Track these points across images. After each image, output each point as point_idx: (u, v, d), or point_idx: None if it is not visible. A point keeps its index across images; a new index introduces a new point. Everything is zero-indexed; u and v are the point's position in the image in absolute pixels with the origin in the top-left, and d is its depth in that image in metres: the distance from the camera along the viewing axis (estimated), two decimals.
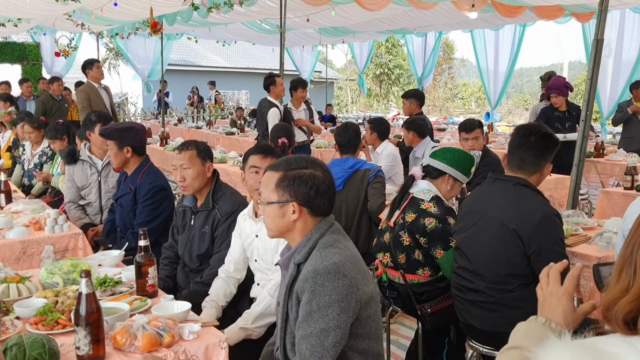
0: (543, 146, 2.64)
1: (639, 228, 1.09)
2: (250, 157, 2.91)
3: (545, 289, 1.36)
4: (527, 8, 9.22)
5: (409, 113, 6.30)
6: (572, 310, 1.30)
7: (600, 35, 4.21)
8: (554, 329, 1.25)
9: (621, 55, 10.94)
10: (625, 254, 1.09)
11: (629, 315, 1.02)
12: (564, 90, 6.56)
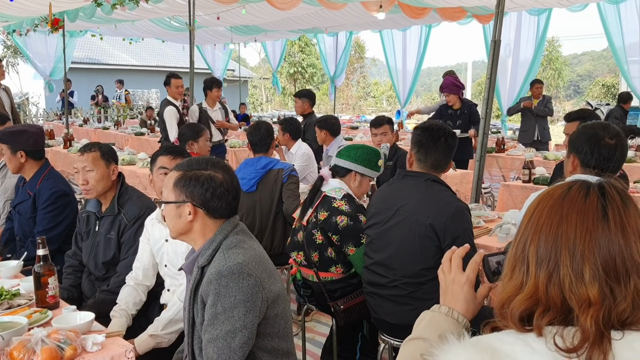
0: (452, 146, 2.76)
1: (528, 224, 1.10)
2: (159, 158, 2.83)
3: (448, 275, 1.36)
4: (431, 10, 9.57)
5: (301, 112, 6.34)
6: (473, 298, 1.32)
7: (498, 37, 4.43)
8: (456, 319, 1.28)
9: (519, 55, 11.59)
10: (517, 251, 1.10)
11: (524, 313, 1.04)
12: (454, 88, 6.83)
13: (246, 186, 3.90)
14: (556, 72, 34.36)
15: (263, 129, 4.12)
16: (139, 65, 24.83)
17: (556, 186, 1.12)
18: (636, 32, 9.68)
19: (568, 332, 0.99)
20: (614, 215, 1.03)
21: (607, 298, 0.99)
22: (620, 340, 0.97)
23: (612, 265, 1.01)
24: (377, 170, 3.15)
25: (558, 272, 1.02)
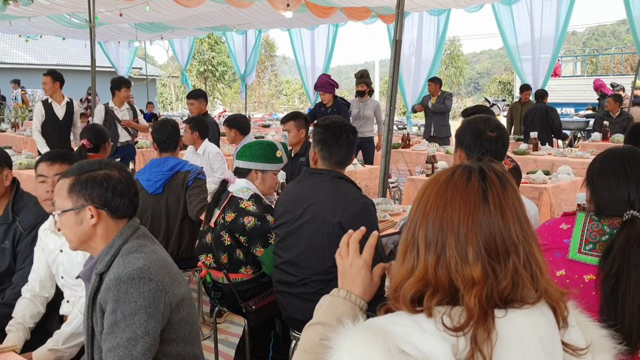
0: (354, 141, 2.82)
1: (417, 210, 1.13)
2: (38, 165, 2.68)
3: (345, 260, 1.37)
4: (337, 9, 9.74)
5: (197, 112, 6.24)
6: (370, 280, 1.33)
7: (399, 36, 4.59)
8: (354, 302, 1.29)
9: (421, 54, 12.04)
10: (408, 236, 1.13)
11: (415, 295, 1.06)
12: (328, 87, 6.89)
13: (152, 188, 3.79)
14: (458, 70, 35.95)
15: (170, 126, 4.00)
16: (38, 63, 23.47)
17: (441, 172, 1.16)
18: (528, 32, 10.34)
19: (455, 311, 1.02)
20: (493, 198, 1.08)
21: (490, 277, 1.03)
22: (503, 318, 1.02)
23: (493, 245, 1.05)
24: (279, 162, 3.14)
25: (445, 255, 1.06)
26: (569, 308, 1.11)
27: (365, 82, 7.69)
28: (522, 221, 1.10)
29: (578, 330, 1.12)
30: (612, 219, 1.90)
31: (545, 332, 1.04)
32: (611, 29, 54.15)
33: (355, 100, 7.88)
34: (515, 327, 1.02)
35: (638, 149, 2.04)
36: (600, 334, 1.19)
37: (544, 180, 4.96)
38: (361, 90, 7.68)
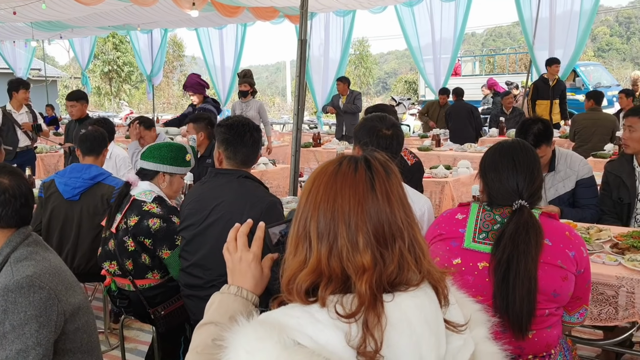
0: (258, 139, 2.81)
1: (307, 202, 1.13)
2: None
3: (234, 255, 1.35)
4: (245, 9, 9.67)
5: (79, 116, 6.00)
6: (260, 274, 1.33)
7: (304, 36, 4.62)
8: (246, 297, 1.29)
9: (329, 54, 12.22)
10: (299, 229, 1.13)
11: (310, 287, 1.07)
12: (198, 88, 6.77)
13: (68, 194, 3.60)
14: (367, 70, 36.78)
15: (99, 131, 3.85)
16: None
17: (328, 163, 1.17)
18: (429, 33, 10.75)
19: (347, 299, 1.04)
20: (380, 186, 1.11)
21: (379, 263, 1.07)
22: (391, 302, 1.05)
23: (381, 231, 1.09)
24: (187, 166, 3.10)
25: (337, 244, 1.08)
26: (448, 287, 1.16)
27: (248, 82, 7.47)
28: (406, 207, 1.14)
29: (457, 308, 1.17)
30: (503, 208, 2.02)
31: (429, 312, 1.08)
32: (507, 30, 57.35)
33: (237, 102, 7.60)
34: (403, 310, 1.05)
35: (526, 142, 2.19)
36: (476, 308, 1.24)
37: (445, 174, 5.18)
38: (244, 90, 7.46)
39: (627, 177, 3.38)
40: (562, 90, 8.63)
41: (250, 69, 7.81)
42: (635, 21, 52.76)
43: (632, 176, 3.37)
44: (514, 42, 41.51)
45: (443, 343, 1.09)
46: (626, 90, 8.46)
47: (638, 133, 3.28)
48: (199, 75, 6.95)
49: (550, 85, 8.59)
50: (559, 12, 9.09)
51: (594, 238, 2.86)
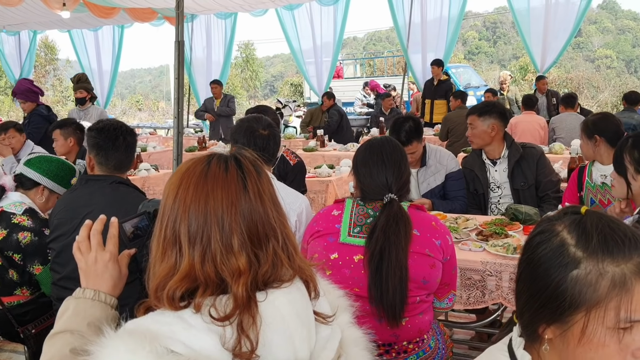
0: (132, 143, 2.71)
1: (174, 205, 1.08)
2: None
3: (88, 255, 1.27)
4: (120, 10, 9.30)
5: None
6: (119, 274, 1.27)
7: (181, 37, 4.54)
8: (104, 301, 1.23)
9: (212, 57, 12.07)
10: (166, 232, 1.08)
11: (185, 293, 1.03)
12: (29, 95, 6.21)
13: None
14: (253, 73, 36.74)
15: None
16: None
17: (195, 162, 1.13)
18: (310, 37, 10.95)
19: (220, 301, 1.02)
20: (252, 186, 1.10)
21: (254, 264, 1.06)
22: (265, 301, 1.05)
23: (255, 232, 1.07)
24: (68, 188, 2.95)
25: (210, 248, 1.04)
26: (317, 279, 1.18)
27: (84, 88, 6.76)
28: (277, 205, 1.15)
29: (325, 299, 1.20)
30: (375, 202, 2.11)
31: (300, 306, 1.10)
32: (386, 34, 59.69)
33: (74, 109, 6.90)
34: (277, 306, 1.06)
35: (393, 139, 2.30)
36: (338, 295, 1.27)
37: (328, 173, 5.31)
38: (80, 97, 6.72)
39: (478, 170, 3.67)
40: (446, 90, 9.03)
41: (84, 73, 7.25)
42: (501, 26, 57.05)
43: (482, 169, 3.67)
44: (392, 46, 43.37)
45: (313, 334, 1.11)
46: (491, 90, 9.16)
47: (479, 129, 3.58)
48: (32, 81, 6.46)
49: (434, 85, 9.04)
50: (430, 17, 9.63)
51: (462, 227, 3.07)
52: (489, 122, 3.56)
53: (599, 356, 0.94)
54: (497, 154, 3.64)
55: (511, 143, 3.64)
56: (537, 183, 3.55)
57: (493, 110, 3.59)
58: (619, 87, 24.83)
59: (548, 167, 3.61)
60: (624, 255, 0.93)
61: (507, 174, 3.60)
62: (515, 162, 3.56)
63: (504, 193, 3.63)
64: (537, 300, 0.99)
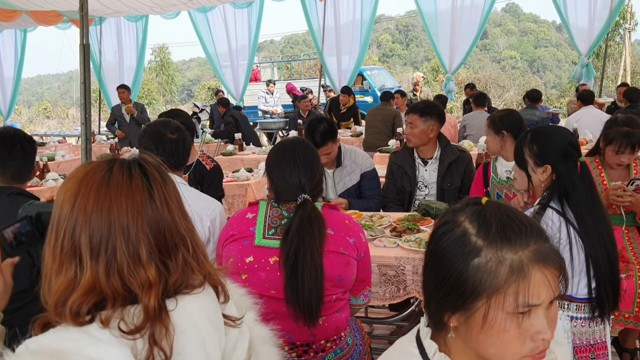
0: (31, 152, 2.55)
1: (72, 214, 1.03)
2: None
3: None
4: (22, 13, 8.82)
5: None
6: (4, 285, 1.21)
7: (86, 40, 4.37)
8: None
9: (124, 60, 11.70)
10: (64, 244, 1.02)
11: (92, 308, 0.98)
12: None
13: None
14: (169, 77, 35.90)
15: None
16: None
17: (94, 167, 1.08)
18: (225, 40, 10.83)
19: (129, 313, 0.98)
20: (158, 193, 1.06)
21: (164, 274, 1.03)
22: (176, 310, 1.03)
23: (163, 241, 1.05)
24: None
25: (116, 259, 1.00)
26: (226, 284, 1.17)
27: None
28: (184, 211, 1.12)
29: (232, 302, 1.19)
30: (289, 203, 2.11)
31: (211, 310, 1.09)
32: (303, 37, 60.12)
33: None
34: (188, 313, 1.04)
35: (305, 140, 2.32)
36: (241, 293, 1.27)
37: (247, 177, 5.27)
38: None
39: (408, 167, 3.75)
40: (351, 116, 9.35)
41: None
42: (413, 29, 58.88)
43: (412, 167, 3.75)
44: (310, 49, 43.73)
45: (224, 337, 1.11)
46: (400, 91, 9.47)
47: (418, 129, 3.64)
48: None
49: (341, 112, 9.34)
50: (343, 21, 9.79)
51: (377, 224, 3.14)
52: (430, 123, 3.62)
53: (500, 341, 0.97)
54: (430, 154, 3.73)
55: (445, 144, 3.74)
56: (462, 186, 3.67)
57: (434, 111, 3.64)
58: (523, 86, 26.30)
59: (473, 172, 3.71)
60: (521, 242, 0.98)
61: (437, 174, 3.70)
62: (449, 164, 3.67)
63: (430, 192, 3.73)
64: (442, 289, 1.02)
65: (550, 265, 0.97)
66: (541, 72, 48.85)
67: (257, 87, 16.88)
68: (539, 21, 63.27)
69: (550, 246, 0.99)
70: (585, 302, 2.17)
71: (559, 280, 0.99)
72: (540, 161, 2.24)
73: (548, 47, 56.69)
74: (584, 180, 2.18)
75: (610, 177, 3.28)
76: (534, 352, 0.98)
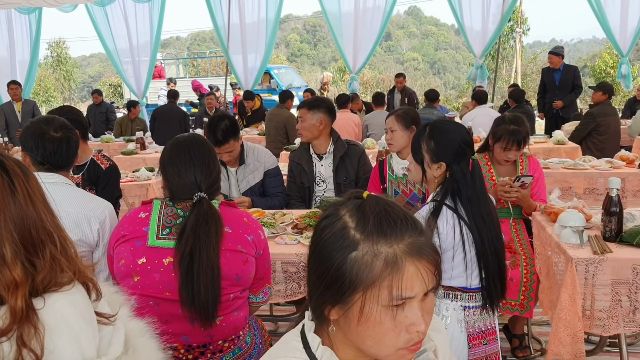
0: None
1: None
2: None
3: None
4: None
5: None
6: None
7: None
8: None
9: (16, 55, 11.00)
10: None
11: None
12: None
13: None
14: (67, 73, 34.17)
15: None
16: None
17: None
18: (125, 35, 10.43)
19: None
20: (21, 189, 1.03)
21: (31, 273, 1.00)
22: (45, 308, 0.99)
23: (29, 238, 1.01)
24: None
25: None
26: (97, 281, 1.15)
27: None
28: (49, 207, 1.09)
29: (104, 301, 1.16)
30: (185, 202, 2.06)
31: (83, 307, 1.06)
32: (210, 34, 59.09)
33: None
34: (58, 310, 1.01)
35: (202, 136, 2.27)
36: (113, 291, 1.25)
37: (148, 176, 5.11)
38: None
39: (306, 164, 3.78)
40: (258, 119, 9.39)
41: None
42: (320, 29, 59.59)
43: (310, 163, 3.79)
44: (217, 46, 43.18)
45: (97, 333, 1.09)
46: (309, 90, 9.57)
47: (308, 123, 3.69)
48: None
49: (247, 114, 9.31)
50: (249, 20, 9.71)
51: (279, 222, 3.14)
52: (318, 116, 3.66)
53: (376, 333, 0.99)
54: (324, 149, 3.77)
55: (337, 139, 3.79)
56: (357, 179, 3.74)
57: (322, 105, 3.70)
58: (425, 86, 27.33)
59: (367, 165, 3.81)
60: (396, 236, 0.99)
61: (332, 168, 3.75)
62: (340, 158, 3.72)
63: (328, 187, 3.78)
64: (322, 282, 1.03)
65: (424, 258, 0.99)
66: (441, 74, 51.08)
67: (161, 84, 16.43)
68: (439, 24, 66.10)
69: (426, 239, 1.02)
70: (477, 291, 2.28)
71: (434, 273, 1.01)
72: (436, 158, 2.32)
73: (448, 50, 59.36)
74: (474, 178, 2.28)
75: (498, 172, 3.47)
76: (409, 343, 1.00)
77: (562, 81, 8.56)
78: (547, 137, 6.89)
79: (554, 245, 2.79)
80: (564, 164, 4.92)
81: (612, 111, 6.89)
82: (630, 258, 2.49)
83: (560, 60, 8.59)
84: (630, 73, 9.27)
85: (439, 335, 1.18)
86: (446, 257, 2.23)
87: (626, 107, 9.54)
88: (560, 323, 2.56)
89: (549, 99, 8.69)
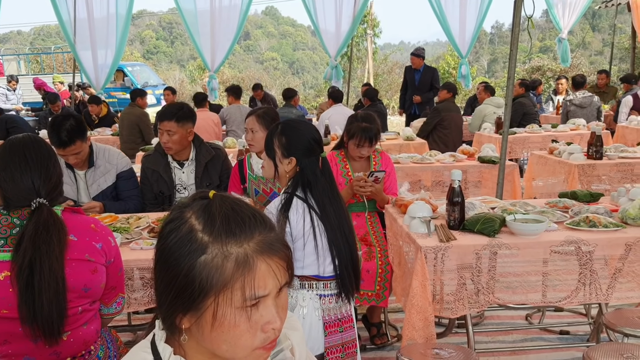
0: None
1: None
2: None
3: None
4: None
5: None
6: None
7: None
8: None
9: None
10: None
11: None
12: None
13: None
14: None
15: None
16: None
17: None
18: None
19: None
20: None
21: None
22: None
23: None
24: None
25: None
26: None
27: None
28: None
29: None
30: (22, 210, 1.88)
31: None
32: (56, 29, 54.97)
33: None
34: None
35: (37, 136, 2.08)
36: None
37: None
38: None
39: (163, 171, 3.61)
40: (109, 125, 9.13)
41: None
42: (177, 26, 57.88)
43: (168, 170, 3.62)
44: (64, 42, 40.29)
45: None
46: (170, 88, 9.31)
47: (179, 136, 3.49)
48: None
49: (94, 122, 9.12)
50: (97, 15, 9.13)
51: (134, 226, 2.99)
52: (188, 127, 3.53)
53: (231, 337, 0.97)
54: (185, 156, 3.64)
55: (200, 144, 3.67)
56: (221, 183, 3.65)
57: (187, 114, 3.55)
58: (284, 86, 27.73)
59: (231, 168, 3.71)
60: (246, 235, 0.97)
61: (194, 175, 3.62)
62: (206, 164, 3.62)
63: (190, 194, 3.63)
64: (172, 290, 0.98)
65: (275, 254, 0.99)
66: (300, 73, 52.11)
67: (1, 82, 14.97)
68: (296, 25, 67.34)
69: (276, 235, 1.01)
70: (332, 279, 2.35)
71: (286, 268, 1.01)
72: (287, 153, 2.37)
73: (305, 50, 60.66)
74: (324, 174, 2.37)
75: (354, 168, 3.61)
76: (265, 342, 0.99)
77: (421, 81, 9.17)
78: (397, 134, 7.30)
79: (404, 236, 2.95)
80: (412, 159, 5.22)
81: (455, 108, 7.48)
82: (472, 244, 2.71)
83: (420, 61, 9.18)
84: (470, 73, 10.08)
85: (296, 333, 1.19)
86: (297, 245, 2.28)
87: (467, 105, 10.40)
88: (412, 309, 2.71)
89: (409, 96, 9.26)
